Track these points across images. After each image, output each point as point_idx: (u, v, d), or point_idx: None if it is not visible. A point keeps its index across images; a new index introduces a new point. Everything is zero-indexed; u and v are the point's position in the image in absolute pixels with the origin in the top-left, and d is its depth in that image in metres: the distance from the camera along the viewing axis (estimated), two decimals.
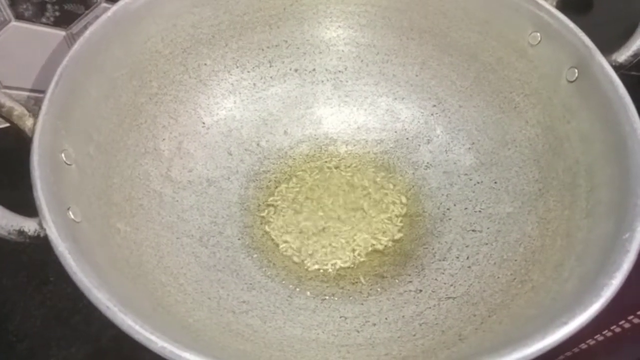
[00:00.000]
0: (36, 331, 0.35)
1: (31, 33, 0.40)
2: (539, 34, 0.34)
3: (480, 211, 0.35)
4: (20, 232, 0.24)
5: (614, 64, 0.31)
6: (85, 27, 0.32)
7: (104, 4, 0.40)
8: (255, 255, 0.34)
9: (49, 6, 0.39)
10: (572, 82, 0.32)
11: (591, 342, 0.32)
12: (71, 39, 0.41)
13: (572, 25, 0.32)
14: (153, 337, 0.21)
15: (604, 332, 0.31)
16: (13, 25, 0.39)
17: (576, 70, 0.32)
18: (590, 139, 0.31)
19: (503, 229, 0.33)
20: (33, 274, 0.37)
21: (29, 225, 0.24)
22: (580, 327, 0.22)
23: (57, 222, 0.24)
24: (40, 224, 0.24)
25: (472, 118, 0.38)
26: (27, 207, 0.25)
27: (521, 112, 0.36)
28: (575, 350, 0.32)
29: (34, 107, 0.28)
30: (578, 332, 0.22)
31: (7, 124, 0.29)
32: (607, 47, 0.32)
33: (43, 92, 0.28)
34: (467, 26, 0.37)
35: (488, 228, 0.34)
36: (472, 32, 0.37)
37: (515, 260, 0.31)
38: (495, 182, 0.36)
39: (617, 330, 0.30)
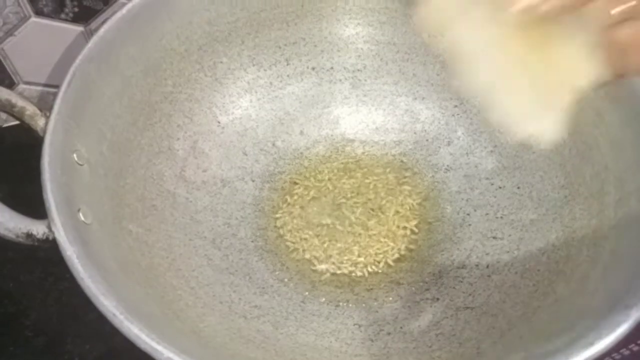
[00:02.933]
0: (52, 327, 0.35)
1: (50, 29, 0.40)
2: None
3: (501, 217, 0.34)
4: (29, 235, 0.23)
5: None
6: (104, 23, 0.31)
7: (123, 0, 0.40)
8: (268, 259, 0.34)
9: (68, 2, 0.39)
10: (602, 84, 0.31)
11: (616, 356, 0.30)
12: (89, 35, 0.41)
13: None
14: (159, 347, 0.20)
15: (630, 347, 0.30)
16: (33, 21, 0.39)
17: None
18: (620, 145, 0.30)
19: (526, 237, 0.32)
20: (49, 271, 0.37)
21: (38, 228, 0.24)
22: (606, 349, 0.21)
23: (67, 225, 0.23)
24: (49, 227, 0.23)
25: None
26: (41, 204, 0.24)
27: None
28: None
29: (52, 103, 0.28)
30: None
31: None
32: None
33: None
34: None
35: (510, 235, 0.33)
36: None
37: (538, 270, 0.30)
38: (518, 187, 0.34)
39: (626, 353, 0.29)
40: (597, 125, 0.31)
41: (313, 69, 0.39)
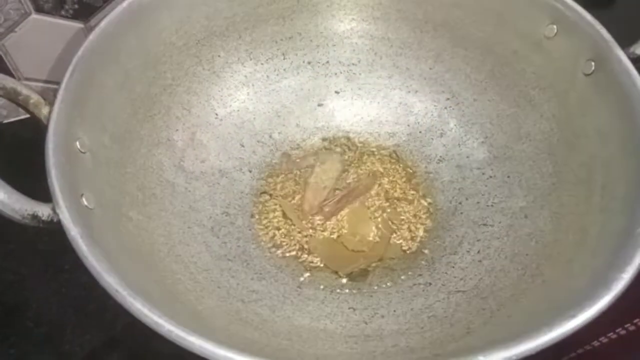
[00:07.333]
0: (52, 318, 0.36)
1: (51, 26, 0.40)
2: (555, 27, 0.33)
3: (492, 205, 0.35)
4: (34, 217, 0.24)
5: (632, 56, 0.31)
6: (105, 17, 0.32)
7: None
8: (265, 246, 0.35)
9: None
10: (588, 75, 0.32)
11: (596, 343, 0.31)
12: (89, 32, 0.42)
13: (589, 17, 0.32)
14: (161, 321, 0.21)
15: (609, 334, 0.30)
16: (33, 18, 0.39)
17: (593, 63, 0.31)
18: (606, 134, 0.30)
19: (515, 224, 0.33)
20: (49, 262, 0.38)
21: (43, 210, 0.24)
22: (588, 321, 0.22)
23: (70, 208, 0.24)
24: (53, 209, 0.24)
25: (486, 112, 0.38)
26: (43, 197, 0.25)
27: (536, 106, 0.35)
28: (580, 351, 0.32)
29: (53, 99, 0.29)
30: (584, 331, 0.22)
31: (26, 115, 0.29)
32: (627, 41, 0.31)
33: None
34: (482, 19, 0.37)
35: (500, 222, 0.34)
36: (487, 24, 0.37)
37: (527, 254, 0.31)
38: (509, 176, 0.35)
39: (622, 332, 0.30)
40: (584, 114, 0.32)
41: (309, 63, 0.40)
